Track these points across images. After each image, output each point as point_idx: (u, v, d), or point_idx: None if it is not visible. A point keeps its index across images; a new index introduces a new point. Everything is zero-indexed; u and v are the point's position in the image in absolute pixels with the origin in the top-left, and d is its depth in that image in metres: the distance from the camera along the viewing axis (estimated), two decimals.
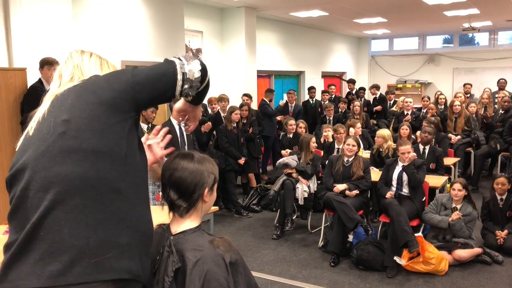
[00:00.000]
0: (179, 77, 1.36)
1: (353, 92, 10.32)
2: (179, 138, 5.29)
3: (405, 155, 4.69)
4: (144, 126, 5.13)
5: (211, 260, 1.39)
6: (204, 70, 1.42)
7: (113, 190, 1.26)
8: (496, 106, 8.52)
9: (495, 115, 7.84)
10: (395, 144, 5.68)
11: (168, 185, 1.48)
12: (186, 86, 1.37)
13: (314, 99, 9.15)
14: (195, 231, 1.49)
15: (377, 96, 9.91)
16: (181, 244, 1.44)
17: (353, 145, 4.89)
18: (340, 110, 8.68)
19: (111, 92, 1.31)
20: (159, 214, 1.62)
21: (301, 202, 5.26)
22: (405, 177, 4.70)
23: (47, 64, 4.60)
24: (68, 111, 1.29)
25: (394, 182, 4.75)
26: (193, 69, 1.38)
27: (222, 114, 6.69)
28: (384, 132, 5.85)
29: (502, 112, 7.42)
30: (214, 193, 1.55)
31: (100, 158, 1.25)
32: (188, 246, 1.43)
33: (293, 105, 8.41)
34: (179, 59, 1.39)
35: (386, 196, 4.67)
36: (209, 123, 6.15)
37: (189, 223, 1.50)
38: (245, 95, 7.37)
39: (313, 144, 5.47)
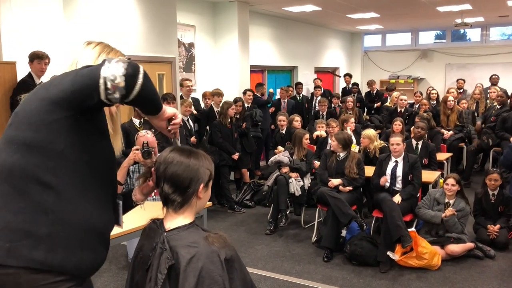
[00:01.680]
0: (101, 81, 1.25)
1: (350, 85, 10.35)
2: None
3: (393, 146, 4.69)
4: (136, 121, 5.08)
5: (206, 257, 1.37)
6: (129, 77, 1.26)
7: (40, 182, 1.30)
8: (488, 101, 8.56)
9: (490, 109, 7.86)
10: (383, 143, 5.68)
11: (162, 178, 1.46)
12: (109, 92, 1.26)
13: (301, 95, 9.14)
14: (189, 227, 1.46)
15: (374, 92, 9.94)
16: (175, 241, 1.41)
17: (337, 145, 4.90)
18: (333, 105, 8.68)
19: (58, 89, 1.31)
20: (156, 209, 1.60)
21: (297, 193, 5.24)
22: (399, 172, 4.70)
23: (37, 58, 4.53)
24: (21, 104, 1.37)
25: (388, 178, 4.75)
26: (115, 74, 1.25)
27: (215, 109, 6.65)
28: (370, 132, 5.78)
29: (499, 107, 7.43)
30: (209, 190, 1.53)
31: (31, 151, 1.30)
32: (182, 243, 1.40)
33: (285, 101, 8.38)
34: (106, 61, 1.29)
35: (381, 182, 4.66)
36: (194, 138, 6.09)
37: (183, 219, 1.47)
38: (248, 90, 7.34)
39: (305, 140, 5.46)
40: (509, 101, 7.35)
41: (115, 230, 2.81)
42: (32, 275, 1.29)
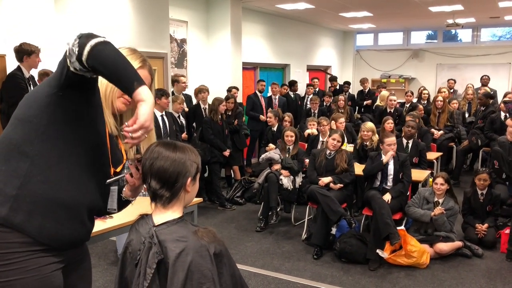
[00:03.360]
0: (66, 51, 1.37)
1: (337, 87, 10.39)
2: (161, 129, 5.23)
3: (391, 146, 4.71)
4: (158, 114, 5.06)
5: (195, 251, 1.36)
6: (82, 38, 1.34)
7: (20, 151, 1.46)
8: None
9: (476, 112, 7.93)
10: (377, 137, 5.72)
11: (149, 174, 1.44)
12: (69, 57, 1.36)
13: (294, 93, 9.14)
14: (178, 221, 1.45)
15: (366, 90, 9.98)
16: (164, 235, 1.40)
17: (338, 141, 4.88)
18: (325, 103, 8.70)
19: (55, 72, 1.48)
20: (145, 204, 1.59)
21: (290, 188, 5.24)
22: (390, 171, 4.72)
23: (34, 52, 4.51)
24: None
25: (379, 176, 4.77)
26: (73, 40, 1.35)
27: (202, 106, 6.61)
28: (372, 125, 5.86)
29: (483, 109, 7.50)
30: (196, 183, 1.52)
31: (20, 124, 1.48)
32: (171, 237, 1.39)
33: (277, 97, 8.37)
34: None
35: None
36: (185, 135, 6.08)
37: (172, 213, 1.46)
38: (234, 87, 7.32)
39: (287, 138, 5.43)
40: (491, 101, 7.44)
41: (103, 226, 2.82)
42: None
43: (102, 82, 1.57)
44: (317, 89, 9.84)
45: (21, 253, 1.44)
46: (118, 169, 1.71)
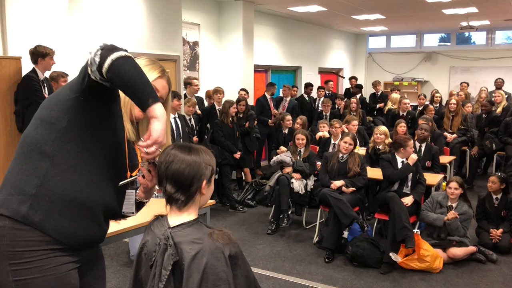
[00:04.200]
0: (88, 60, 1.41)
1: (355, 86, 10.34)
2: (174, 131, 5.26)
3: (413, 149, 4.70)
4: (171, 116, 5.07)
5: (210, 253, 1.36)
6: (104, 50, 1.38)
7: (41, 151, 1.50)
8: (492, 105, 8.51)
9: (479, 119, 7.75)
10: (390, 140, 5.68)
11: (164, 178, 1.44)
12: (90, 65, 1.40)
13: (309, 96, 9.12)
14: (193, 223, 1.45)
15: (379, 93, 9.90)
16: (179, 237, 1.41)
17: (350, 144, 4.86)
18: (337, 106, 8.66)
19: (77, 76, 1.52)
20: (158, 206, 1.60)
21: (302, 191, 5.23)
22: (410, 174, 4.68)
23: (48, 55, 4.55)
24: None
25: None
26: (95, 49, 1.40)
27: (217, 107, 6.64)
28: (385, 128, 5.83)
29: (485, 116, 7.30)
30: (211, 185, 1.52)
31: (41, 125, 1.52)
32: (186, 239, 1.40)
33: (288, 99, 8.36)
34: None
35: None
36: (196, 138, 6.09)
37: (187, 216, 1.47)
38: (242, 89, 7.33)
39: (298, 141, 5.42)
40: (506, 104, 7.31)
41: (116, 227, 2.83)
42: (15, 231, 1.46)
43: (120, 92, 1.59)
44: (330, 92, 9.79)
45: (39, 252, 1.47)
46: (134, 173, 1.72)
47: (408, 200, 4.49)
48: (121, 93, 1.59)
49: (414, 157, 4.66)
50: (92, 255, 1.70)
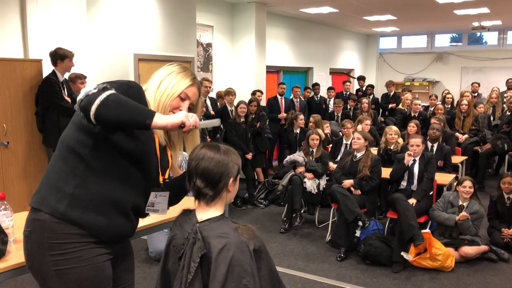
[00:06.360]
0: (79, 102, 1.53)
1: (363, 88, 10.35)
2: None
3: (413, 147, 4.74)
4: None
5: (236, 246, 1.45)
6: (83, 108, 1.49)
7: (78, 154, 1.63)
8: (504, 105, 8.51)
9: (502, 116, 7.84)
10: (402, 141, 5.74)
11: (195, 174, 1.55)
12: (85, 122, 1.56)
13: (318, 96, 9.19)
14: (220, 219, 1.55)
15: (391, 93, 9.91)
16: (207, 231, 1.50)
17: (359, 138, 4.94)
18: (349, 107, 8.71)
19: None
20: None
21: (314, 191, 5.31)
22: (416, 171, 4.75)
23: (68, 57, 4.66)
24: None
25: (406, 176, 4.80)
26: (76, 106, 1.54)
27: (229, 108, 6.74)
28: (397, 128, 5.88)
29: (509, 113, 7.40)
30: (237, 183, 1.62)
31: (77, 130, 1.65)
32: (213, 233, 1.49)
33: (298, 100, 8.43)
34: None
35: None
36: (208, 139, 6.20)
37: (214, 211, 1.57)
38: (258, 91, 7.41)
39: (312, 141, 5.49)
40: None
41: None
42: (54, 224, 1.59)
43: (154, 98, 1.71)
44: (348, 92, 9.82)
45: (76, 244, 1.59)
46: (166, 175, 1.84)
47: (411, 201, 4.57)
48: (152, 102, 1.70)
49: (406, 156, 4.73)
50: (123, 248, 1.81)
